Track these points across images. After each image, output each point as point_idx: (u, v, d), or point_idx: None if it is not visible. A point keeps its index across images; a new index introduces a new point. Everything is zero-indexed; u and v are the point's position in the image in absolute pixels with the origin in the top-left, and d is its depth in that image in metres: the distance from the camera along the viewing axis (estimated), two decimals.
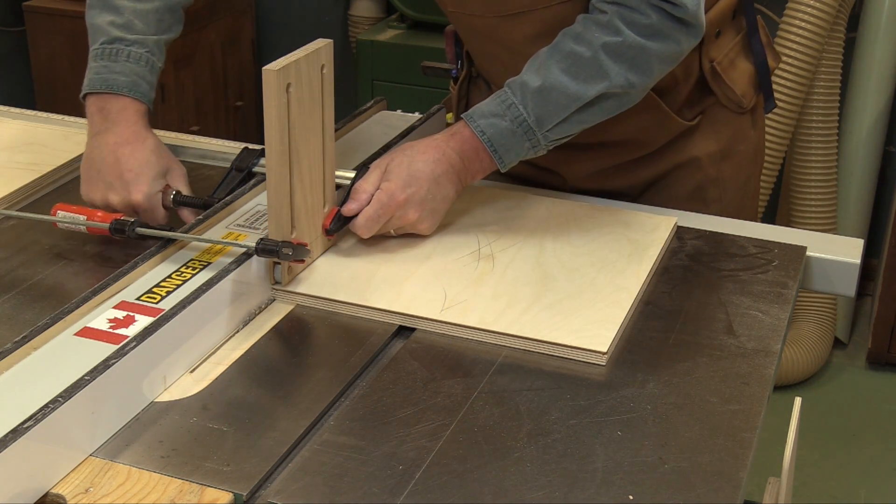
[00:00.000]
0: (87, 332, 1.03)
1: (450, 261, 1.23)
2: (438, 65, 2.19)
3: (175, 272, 1.14)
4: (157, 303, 1.08)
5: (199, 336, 1.06)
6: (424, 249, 1.26)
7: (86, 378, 0.92)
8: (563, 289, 1.17)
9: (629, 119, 1.35)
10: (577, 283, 1.18)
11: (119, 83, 1.30)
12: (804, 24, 2.66)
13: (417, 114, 1.61)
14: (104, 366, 0.94)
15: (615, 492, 0.89)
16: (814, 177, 2.83)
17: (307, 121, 1.16)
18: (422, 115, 1.59)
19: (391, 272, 1.20)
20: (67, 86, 3.31)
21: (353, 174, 1.27)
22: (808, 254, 1.30)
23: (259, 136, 1.25)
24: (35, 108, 1.77)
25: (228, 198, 1.31)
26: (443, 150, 1.25)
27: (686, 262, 1.27)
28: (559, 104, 1.23)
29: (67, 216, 1.25)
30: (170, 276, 1.13)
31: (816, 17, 2.65)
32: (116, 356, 0.96)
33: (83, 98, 1.32)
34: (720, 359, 1.08)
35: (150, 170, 1.27)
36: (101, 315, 1.05)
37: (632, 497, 0.88)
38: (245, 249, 1.15)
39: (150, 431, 0.95)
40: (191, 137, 1.60)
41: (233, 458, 0.91)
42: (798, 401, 1.33)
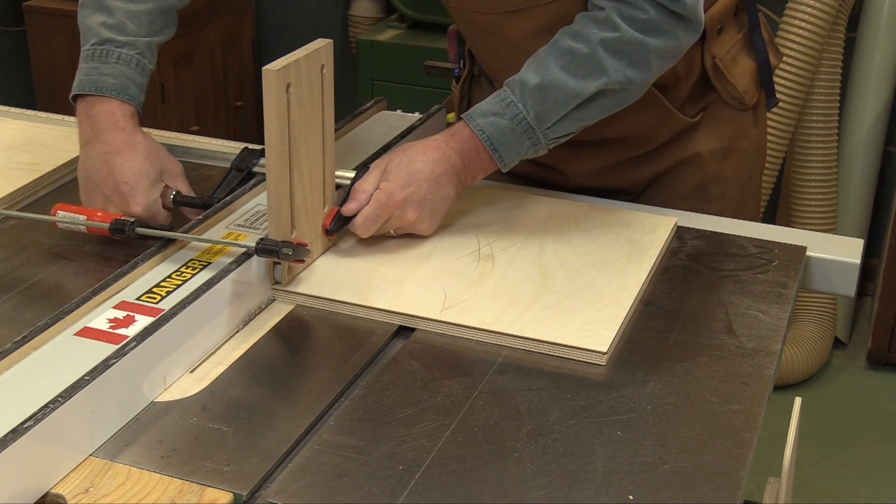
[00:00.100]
0: (87, 332, 1.03)
1: (450, 261, 1.23)
2: (442, 64, 2.20)
3: (175, 272, 1.14)
4: (157, 303, 1.08)
5: (199, 336, 1.06)
6: (424, 249, 1.26)
7: (86, 378, 0.92)
8: (563, 289, 1.17)
9: (631, 115, 1.35)
10: (577, 283, 1.18)
11: (108, 85, 1.29)
12: (804, 24, 2.66)
13: (417, 114, 1.61)
14: (104, 366, 0.94)
15: (615, 492, 0.89)
16: (814, 177, 2.83)
17: (307, 121, 1.16)
18: (422, 115, 1.59)
19: (391, 272, 1.20)
20: (67, 86, 3.29)
21: (353, 174, 1.27)
22: (808, 254, 1.30)
23: (259, 136, 1.25)
24: (35, 108, 1.77)
25: (228, 198, 1.31)
26: (442, 151, 1.25)
27: (686, 262, 1.27)
28: (558, 101, 1.23)
29: (67, 216, 1.25)
30: (170, 276, 1.13)
31: (816, 17, 2.65)
32: (116, 356, 0.96)
33: (72, 100, 1.32)
34: (720, 359, 1.08)
35: (146, 178, 1.25)
36: (101, 315, 1.05)
37: (632, 497, 0.88)
38: (245, 249, 1.15)
39: (150, 431, 0.95)
40: (191, 137, 1.60)
41: (233, 458, 0.91)
42: (798, 401, 1.33)
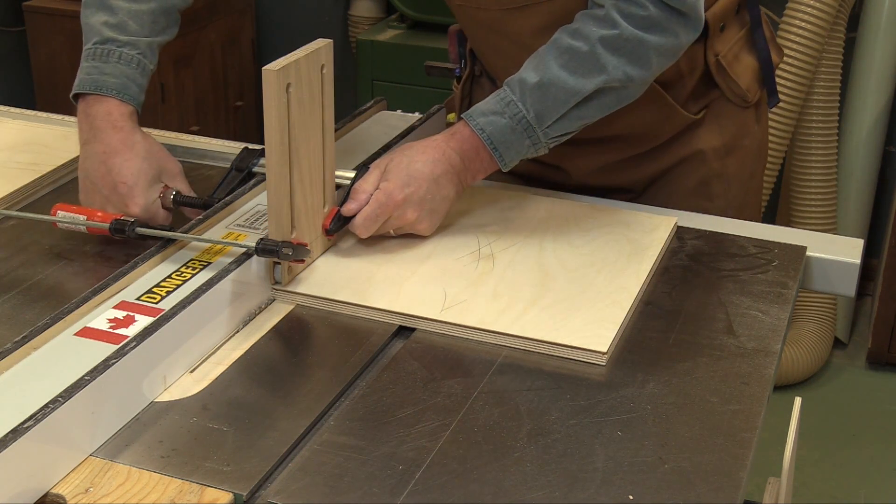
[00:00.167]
0: (87, 332, 1.03)
1: (450, 261, 1.23)
2: (442, 64, 2.19)
3: (175, 272, 1.14)
4: (157, 303, 1.08)
5: (199, 336, 1.06)
6: (424, 249, 1.26)
7: (86, 378, 0.92)
8: (563, 289, 1.17)
9: (634, 113, 1.35)
10: (577, 283, 1.18)
11: (108, 85, 1.29)
12: (804, 24, 2.66)
13: (417, 114, 1.61)
14: (104, 366, 0.94)
15: (615, 492, 0.89)
16: (814, 177, 2.83)
17: (307, 121, 1.16)
18: (422, 115, 1.59)
19: (391, 272, 1.20)
20: (67, 86, 3.29)
21: (353, 174, 1.27)
22: (808, 254, 1.29)
23: (259, 136, 1.25)
24: (35, 108, 1.77)
25: (228, 198, 1.31)
26: (442, 151, 1.25)
27: (686, 262, 1.27)
28: (557, 99, 1.22)
29: (67, 216, 1.25)
30: (170, 276, 1.13)
31: (816, 17, 2.65)
32: (116, 356, 0.96)
33: (73, 99, 1.32)
34: (720, 359, 1.08)
35: (144, 179, 1.25)
36: (101, 315, 1.05)
37: (632, 497, 0.88)
38: (245, 249, 1.15)
39: (150, 431, 0.95)
40: (191, 137, 1.60)
41: (233, 458, 0.91)
42: (798, 401, 1.33)
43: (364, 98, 3.15)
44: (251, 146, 1.40)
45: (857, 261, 1.29)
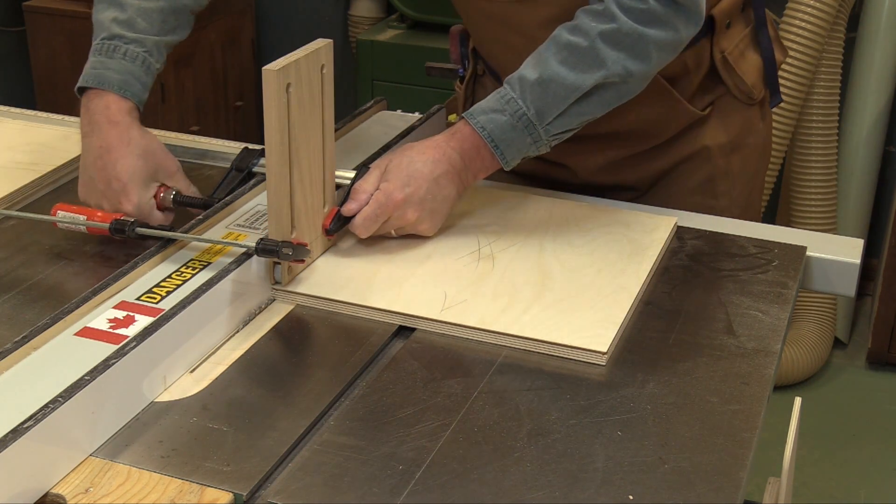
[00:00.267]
0: (87, 332, 1.03)
1: (450, 261, 1.23)
2: (443, 65, 2.19)
3: (175, 272, 1.14)
4: (157, 303, 1.08)
5: (199, 336, 1.06)
6: (424, 249, 1.26)
7: (86, 378, 0.92)
8: (563, 289, 1.17)
9: (641, 108, 1.35)
10: (577, 283, 1.18)
11: (110, 80, 1.29)
12: (804, 24, 2.66)
13: (417, 114, 1.61)
14: (104, 366, 0.94)
15: (615, 492, 0.89)
16: (814, 177, 2.83)
17: (307, 121, 1.16)
18: (422, 115, 1.59)
19: (391, 272, 1.20)
20: (67, 86, 3.30)
21: (353, 174, 1.27)
22: (808, 254, 1.29)
23: (259, 136, 1.25)
24: (35, 108, 1.77)
25: (228, 198, 1.31)
26: (443, 150, 1.25)
27: (686, 262, 1.27)
28: (557, 95, 1.22)
29: (67, 216, 1.25)
30: (170, 276, 1.13)
31: (816, 17, 2.65)
32: (116, 356, 0.96)
33: (78, 93, 1.32)
34: (720, 359, 1.08)
35: (138, 177, 1.25)
36: (101, 315, 1.05)
37: (632, 497, 0.88)
38: (245, 249, 1.15)
39: (150, 431, 0.95)
40: (191, 137, 1.60)
41: (233, 458, 0.91)
42: (798, 401, 1.33)
43: (364, 98, 3.15)
44: (251, 146, 1.41)
45: (857, 261, 1.29)
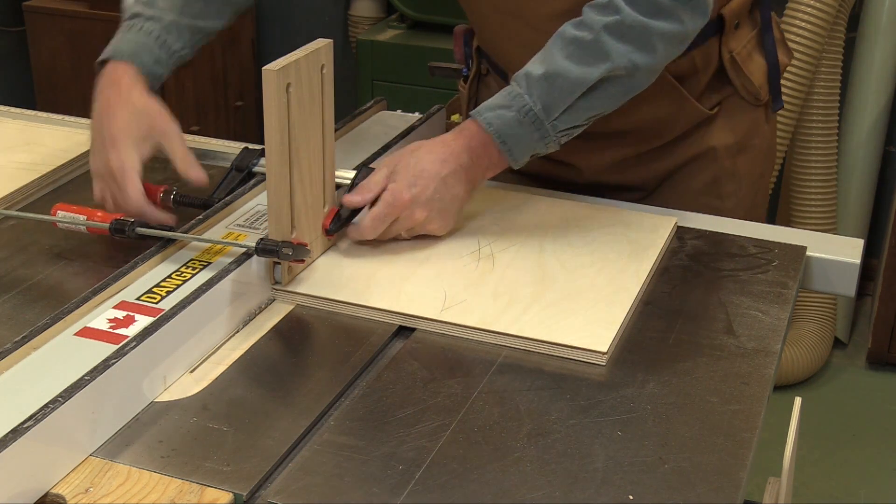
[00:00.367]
0: (87, 332, 1.03)
1: (450, 261, 1.23)
2: (446, 65, 2.19)
3: (175, 272, 1.14)
4: (157, 303, 1.08)
5: (199, 336, 1.06)
6: (424, 249, 1.25)
7: (86, 378, 0.92)
8: (563, 289, 1.17)
9: (649, 105, 1.35)
10: (577, 283, 1.18)
11: (122, 51, 1.31)
12: (804, 24, 2.66)
13: (417, 114, 1.61)
14: (104, 366, 0.94)
15: (615, 492, 0.89)
16: (814, 177, 2.83)
17: (307, 121, 1.16)
18: (422, 115, 1.59)
19: (391, 272, 1.20)
20: (67, 86, 3.31)
21: (353, 174, 1.27)
22: (808, 254, 1.30)
23: (259, 136, 1.25)
24: (35, 108, 1.77)
25: (228, 198, 1.31)
26: (451, 149, 1.24)
27: (686, 262, 1.27)
28: (563, 90, 1.22)
29: (67, 216, 1.25)
30: (170, 276, 1.13)
31: (816, 17, 2.65)
32: (116, 356, 0.96)
33: (97, 68, 1.33)
34: (720, 359, 1.08)
35: (128, 134, 1.25)
36: (101, 315, 1.05)
37: (632, 497, 0.88)
38: (245, 249, 1.15)
39: (150, 431, 0.95)
40: (191, 137, 1.60)
41: (233, 458, 0.91)
42: (798, 401, 1.33)
43: (364, 98, 3.15)
44: (251, 146, 1.41)
45: (857, 261, 1.29)
